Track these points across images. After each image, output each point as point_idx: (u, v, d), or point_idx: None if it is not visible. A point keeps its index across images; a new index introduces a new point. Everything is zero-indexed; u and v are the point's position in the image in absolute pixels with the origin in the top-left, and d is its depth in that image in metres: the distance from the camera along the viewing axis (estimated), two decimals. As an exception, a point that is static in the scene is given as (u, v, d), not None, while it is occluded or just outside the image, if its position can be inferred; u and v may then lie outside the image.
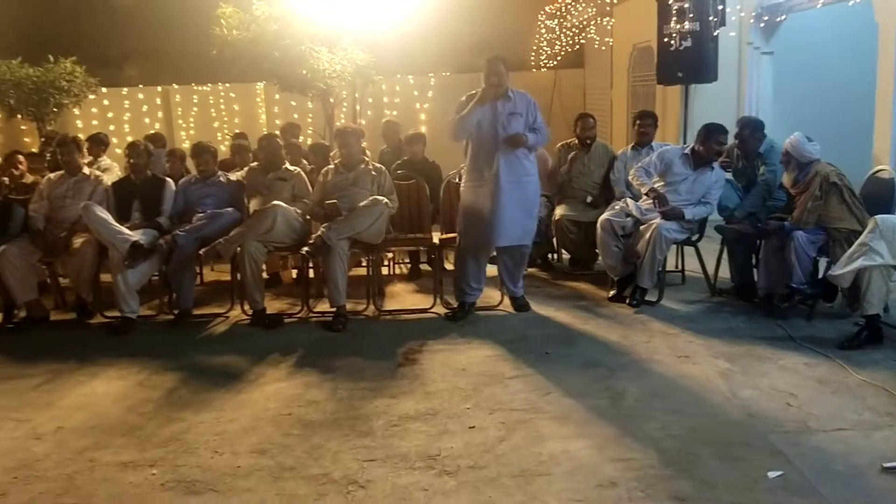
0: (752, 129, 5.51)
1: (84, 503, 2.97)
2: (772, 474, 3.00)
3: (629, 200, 5.60)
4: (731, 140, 5.64)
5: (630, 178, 5.63)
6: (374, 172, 5.58)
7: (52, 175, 5.82)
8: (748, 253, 5.34)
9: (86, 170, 5.82)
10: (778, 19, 7.89)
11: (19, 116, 9.67)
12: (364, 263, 5.91)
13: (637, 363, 4.30)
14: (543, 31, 11.25)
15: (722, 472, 3.04)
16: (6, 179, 6.10)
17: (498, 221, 5.02)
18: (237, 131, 9.08)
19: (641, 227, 5.30)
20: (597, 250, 5.82)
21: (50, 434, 3.62)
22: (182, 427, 3.64)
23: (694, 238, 5.54)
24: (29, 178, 6.37)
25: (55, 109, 9.57)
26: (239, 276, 5.31)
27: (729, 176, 5.62)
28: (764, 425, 3.44)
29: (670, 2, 7.36)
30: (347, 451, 3.33)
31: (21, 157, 6.39)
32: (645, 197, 5.52)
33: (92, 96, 10.27)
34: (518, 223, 5.10)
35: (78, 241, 5.34)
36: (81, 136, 6.84)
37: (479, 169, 5.09)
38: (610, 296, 5.56)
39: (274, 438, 3.48)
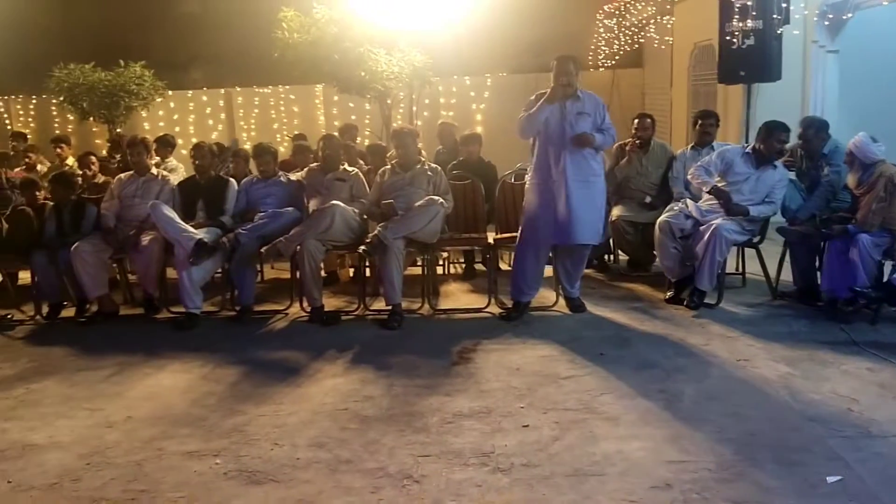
0: (816, 128, 5.39)
1: (152, 489, 3.10)
2: (831, 479, 2.95)
3: (689, 201, 5.53)
4: (793, 140, 5.53)
5: (689, 177, 5.56)
6: (429, 172, 5.64)
7: (122, 175, 6.05)
8: (811, 255, 5.22)
9: (154, 170, 6.05)
10: (844, 17, 7.68)
11: (91, 119, 10.06)
12: (419, 263, 5.98)
13: (694, 365, 4.25)
14: (601, 30, 11.17)
15: (780, 477, 3.00)
16: (80, 179, 6.37)
17: (570, 220, 4.98)
18: (296, 132, 9.27)
19: (701, 228, 5.23)
20: (654, 251, 5.77)
21: (120, 423, 3.78)
22: (244, 419, 3.76)
23: (755, 240, 5.44)
24: (101, 179, 6.66)
25: (124, 112, 9.92)
26: (298, 273, 5.44)
27: (792, 176, 5.51)
28: (824, 430, 3.38)
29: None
30: (403, 446, 3.40)
31: (94, 158, 6.69)
32: (706, 196, 5.44)
33: (159, 99, 10.61)
34: (588, 222, 5.06)
35: (146, 239, 5.55)
36: (148, 137, 7.09)
37: (544, 168, 5.08)
38: (667, 297, 5.51)
39: (331, 432, 3.57)
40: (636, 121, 6.38)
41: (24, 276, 6.46)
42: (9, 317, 5.70)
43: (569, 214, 4.98)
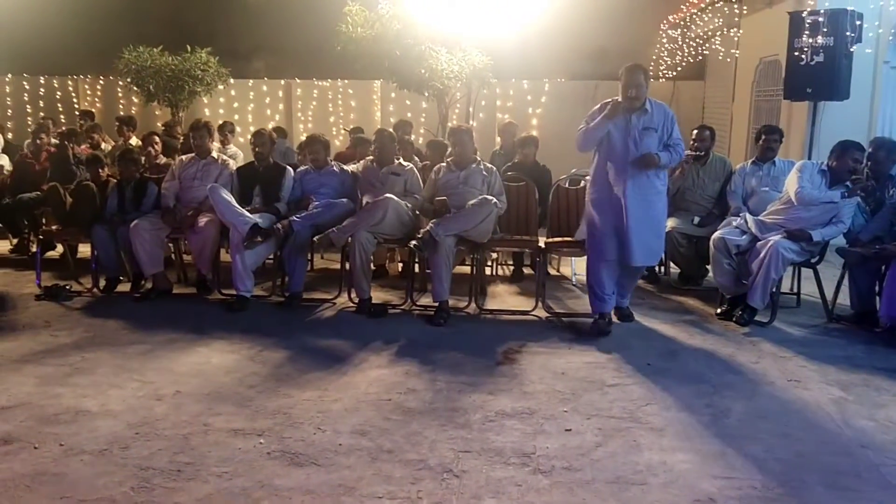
0: (887, 150, 5.28)
1: (197, 462, 3.16)
2: (883, 508, 2.87)
3: (748, 216, 5.42)
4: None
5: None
6: (484, 172, 5.64)
7: (183, 157, 6.19)
8: (871, 279, 5.08)
9: (214, 153, 6.17)
10: (919, 37, 7.46)
11: (155, 102, 10.28)
12: (468, 262, 5.98)
13: (744, 383, 4.17)
14: (665, 40, 11.03)
15: (829, 501, 2.92)
16: (142, 158, 6.54)
17: (627, 241, 4.80)
18: (353, 126, 9.36)
19: (758, 244, 5.12)
20: (707, 266, 5.67)
21: (169, 397, 3.87)
22: (288, 402, 3.80)
23: (813, 260, 5.31)
24: (162, 160, 6.82)
25: (188, 97, 10.12)
26: (348, 264, 5.49)
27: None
28: (877, 457, 3.28)
29: (804, 15, 7.07)
30: (444, 440, 3.40)
31: (157, 139, 6.84)
32: (770, 209, 5.34)
33: (221, 86, 10.80)
34: (645, 243, 4.84)
35: (203, 221, 5.66)
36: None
37: (603, 183, 4.89)
38: (718, 312, 5.41)
39: (374, 421, 3.59)
40: (695, 132, 6.30)
41: (83, 250, 6.65)
42: (67, 287, 5.87)
43: (627, 234, 4.80)
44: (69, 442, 3.34)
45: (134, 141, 8.11)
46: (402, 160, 6.05)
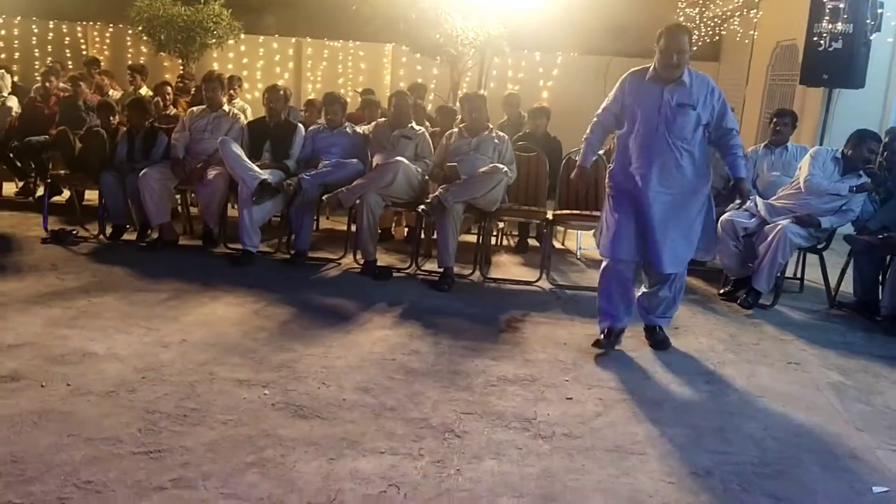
0: (903, 142, 5.26)
1: (203, 409, 3.19)
2: (877, 489, 2.91)
3: (758, 199, 5.42)
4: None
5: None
6: (496, 140, 5.63)
7: (194, 108, 6.16)
8: (876, 268, 5.10)
9: (226, 107, 6.13)
10: (940, 28, 7.39)
11: (165, 53, 10.18)
12: (473, 230, 5.98)
13: (743, 362, 4.20)
14: (682, 19, 10.90)
15: (824, 480, 2.97)
16: (153, 107, 6.51)
17: (653, 241, 4.00)
18: (365, 87, 9.29)
19: (766, 228, 5.13)
20: (713, 247, 5.67)
21: (175, 345, 3.89)
22: (293, 356, 3.83)
23: (820, 246, 5.32)
24: (172, 111, 6.79)
25: (198, 48, 10.02)
26: (355, 226, 5.49)
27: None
28: (873, 440, 3.32)
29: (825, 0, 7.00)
30: (446, 401, 3.44)
31: (169, 89, 6.80)
32: (781, 193, 5.33)
33: (232, 41, 10.69)
34: (672, 248, 4.01)
35: (212, 174, 5.65)
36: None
37: (624, 170, 4.07)
38: (721, 292, 5.44)
39: (377, 379, 3.62)
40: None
41: (90, 196, 6.65)
42: (74, 233, 5.87)
43: (650, 234, 4.01)
44: (76, 382, 3.37)
45: (144, 90, 8.07)
46: (414, 124, 6.02)
